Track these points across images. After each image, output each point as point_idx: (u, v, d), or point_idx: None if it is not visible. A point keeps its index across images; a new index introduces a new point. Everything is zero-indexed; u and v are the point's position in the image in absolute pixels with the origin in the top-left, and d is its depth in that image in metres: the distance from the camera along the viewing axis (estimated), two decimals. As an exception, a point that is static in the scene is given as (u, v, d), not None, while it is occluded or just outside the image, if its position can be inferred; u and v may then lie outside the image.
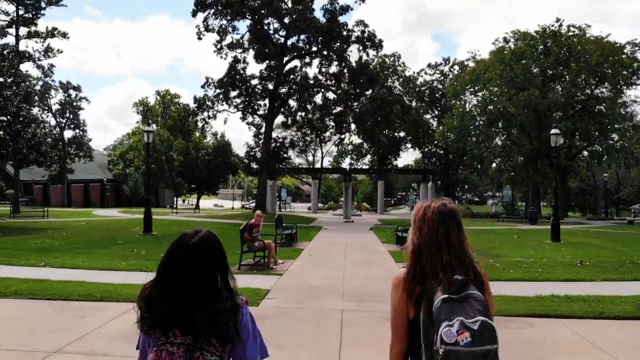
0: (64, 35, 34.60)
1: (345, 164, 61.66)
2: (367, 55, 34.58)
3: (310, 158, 78.41)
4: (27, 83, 28.78)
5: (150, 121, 72.35)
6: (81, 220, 26.83)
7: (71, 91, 58.23)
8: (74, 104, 58.18)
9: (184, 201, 72.29)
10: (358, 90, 34.22)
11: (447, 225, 2.13)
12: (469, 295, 1.96)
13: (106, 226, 22.97)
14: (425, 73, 59.55)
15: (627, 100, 41.53)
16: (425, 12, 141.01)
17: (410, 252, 2.18)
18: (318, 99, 36.23)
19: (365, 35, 33.56)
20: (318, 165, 65.20)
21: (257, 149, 38.13)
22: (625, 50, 38.46)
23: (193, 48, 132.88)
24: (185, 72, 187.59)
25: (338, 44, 33.91)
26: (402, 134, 58.27)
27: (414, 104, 58.06)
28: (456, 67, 56.98)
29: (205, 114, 35.34)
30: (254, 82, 34.95)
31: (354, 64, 34.14)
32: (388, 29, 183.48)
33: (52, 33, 34.79)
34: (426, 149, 60.94)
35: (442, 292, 1.97)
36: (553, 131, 18.97)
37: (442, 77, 58.76)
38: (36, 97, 32.37)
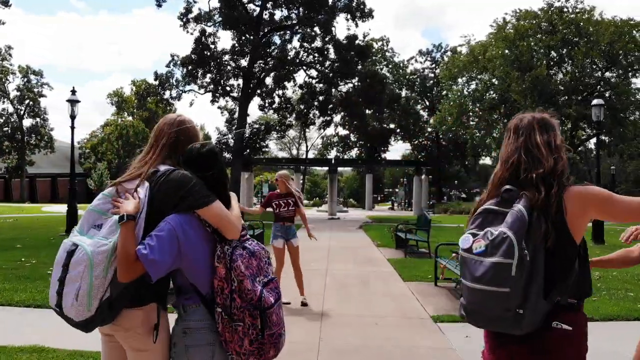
0: (5, 3, 29.82)
1: (331, 156, 57.38)
2: (357, 26, 30.20)
3: (295, 152, 74.38)
4: None
5: (126, 113, 67.90)
6: (13, 217, 22.30)
7: (32, 76, 53.56)
8: (35, 90, 53.45)
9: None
10: (345, 68, 29.56)
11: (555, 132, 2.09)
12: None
13: (30, 224, 18.50)
14: (416, 61, 55.57)
15: (633, 89, 37.75)
16: (416, 7, 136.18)
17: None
18: (300, 78, 31.99)
19: (354, 3, 29.15)
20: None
21: (230, 135, 33.61)
22: (640, 28, 34.63)
23: (180, 43, 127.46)
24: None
25: (322, 15, 29.46)
26: (391, 125, 54.40)
27: (403, 92, 54.06)
28: (448, 54, 53.05)
29: (168, 93, 30.74)
30: (226, 57, 30.28)
31: (340, 38, 29.76)
32: (377, 23, 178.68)
33: (-11, 0, 29.99)
34: (416, 142, 57.05)
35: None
36: (595, 102, 15.06)
37: (433, 65, 54.92)
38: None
